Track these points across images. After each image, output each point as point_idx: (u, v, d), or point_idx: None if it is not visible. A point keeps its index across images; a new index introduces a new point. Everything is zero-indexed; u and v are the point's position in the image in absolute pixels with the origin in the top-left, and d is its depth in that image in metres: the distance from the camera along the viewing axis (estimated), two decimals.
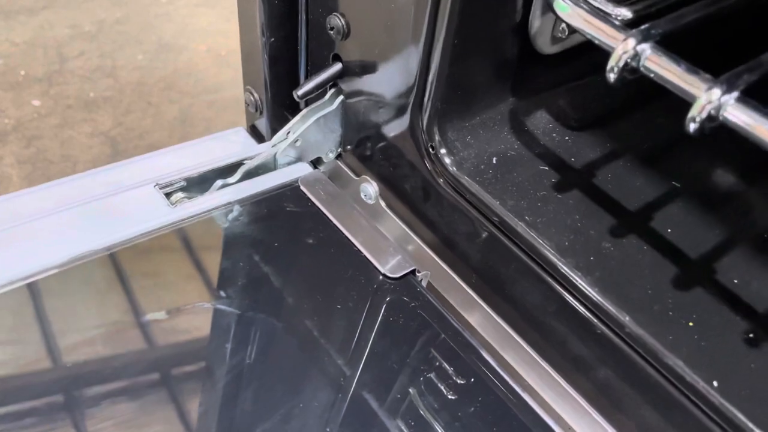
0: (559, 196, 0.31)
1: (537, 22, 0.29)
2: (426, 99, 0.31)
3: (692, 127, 0.22)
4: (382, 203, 0.38)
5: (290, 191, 0.37)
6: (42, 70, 1.08)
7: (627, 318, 0.27)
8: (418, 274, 0.34)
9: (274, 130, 0.41)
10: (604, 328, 0.28)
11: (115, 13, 1.19)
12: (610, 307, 0.27)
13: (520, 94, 0.34)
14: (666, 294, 0.27)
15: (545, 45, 0.30)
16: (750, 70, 0.22)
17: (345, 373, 0.37)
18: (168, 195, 0.35)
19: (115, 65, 1.10)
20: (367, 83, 0.35)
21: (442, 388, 0.47)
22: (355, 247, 0.35)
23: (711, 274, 0.28)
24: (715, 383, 0.24)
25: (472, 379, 0.36)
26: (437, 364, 0.39)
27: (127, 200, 0.34)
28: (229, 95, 1.08)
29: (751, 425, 0.24)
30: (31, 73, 1.07)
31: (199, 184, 0.37)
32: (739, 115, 0.21)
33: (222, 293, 0.32)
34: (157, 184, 0.35)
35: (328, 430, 0.35)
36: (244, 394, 0.33)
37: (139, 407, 0.29)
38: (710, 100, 0.21)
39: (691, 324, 0.26)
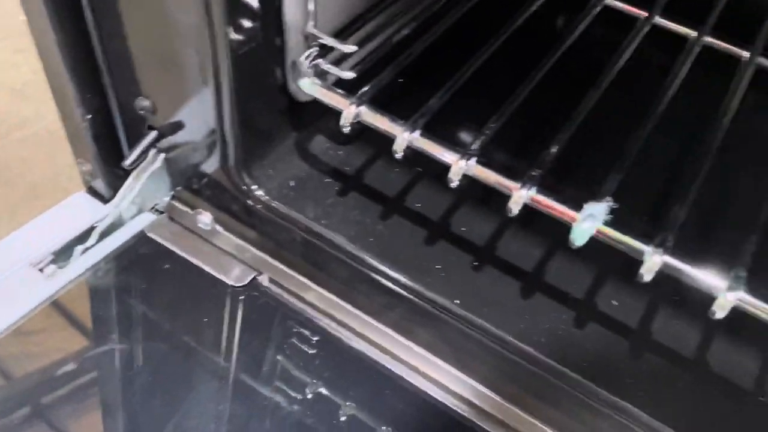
0: (342, 199, 0.43)
1: (293, 86, 0.40)
2: (229, 151, 0.42)
3: (397, 155, 0.35)
4: (218, 227, 0.48)
5: (141, 240, 0.46)
6: None
7: (399, 274, 0.40)
8: (259, 277, 0.46)
9: (112, 187, 0.49)
10: (389, 283, 0.41)
11: None
12: (388, 270, 0.40)
13: (299, 128, 0.45)
14: (421, 251, 0.41)
15: (303, 97, 0.41)
16: (422, 115, 0.35)
17: (227, 368, 0.47)
18: (41, 270, 0.43)
19: None
20: (181, 143, 0.44)
21: (304, 349, 0.60)
22: (206, 271, 0.45)
23: (447, 228, 0.42)
24: (456, 301, 0.39)
25: (319, 338, 0.48)
26: (294, 335, 0.51)
27: (6, 284, 0.42)
28: (39, 129, 1.08)
29: (481, 321, 0.38)
30: None
31: (63, 252, 0.44)
32: (422, 145, 0.34)
33: (113, 336, 0.41)
34: (30, 263, 0.43)
35: (221, 408, 0.46)
36: (150, 408, 0.42)
37: None
38: (404, 138, 0.34)
39: (438, 267, 0.40)
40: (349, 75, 0.38)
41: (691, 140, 0.46)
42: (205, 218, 0.48)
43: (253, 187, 0.42)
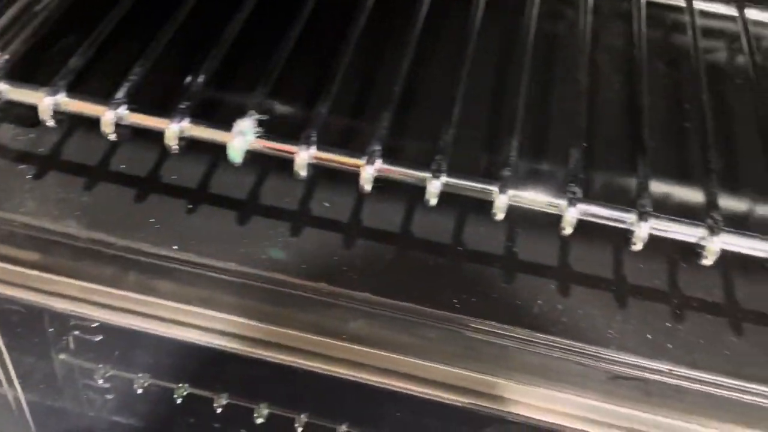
0: (39, 181, 0.42)
1: None
2: None
3: (48, 123, 0.34)
4: None
5: None
6: None
7: (115, 238, 0.40)
8: None
9: None
10: (109, 250, 0.41)
11: None
12: (103, 237, 0.40)
13: None
14: (133, 210, 0.41)
15: None
16: (63, 76, 0.35)
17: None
18: None
19: None
20: None
21: (85, 338, 0.59)
22: None
23: (156, 181, 0.43)
24: (175, 247, 0.40)
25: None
26: (63, 331, 0.50)
27: None
28: None
29: (203, 258, 0.40)
30: None
31: None
32: (69, 106, 0.34)
33: None
34: None
35: None
36: None
37: None
38: (46, 104, 0.34)
39: (152, 220, 0.41)
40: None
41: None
42: None
43: None
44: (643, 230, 0.31)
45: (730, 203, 0.42)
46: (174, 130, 0.33)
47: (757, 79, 0.41)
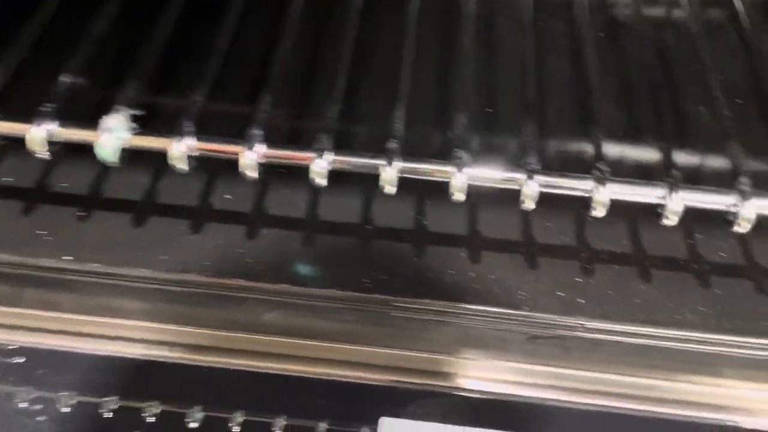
0: None
1: None
2: None
3: None
4: None
5: None
6: None
7: (5, 255, 0.38)
8: None
9: None
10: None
11: None
12: None
13: None
14: (20, 224, 0.39)
15: None
16: None
17: None
18: None
19: None
20: None
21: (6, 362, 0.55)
22: None
23: (45, 191, 0.41)
24: (68, 258, 0.38)
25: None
26: None
27: None
28: None
29: (98, 266, 0.38)
30: None
31: None
32: None
33: None
34: None
35: None
36: None
37: None
38: None
39: (43, 232, 0.39)
40: None
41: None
42: None
43: None
44: (531, 188, 0.31)
45: (632, 153, 0.43)
46: (37, 134, 0.31)
47: (641, 29, 0.41)
